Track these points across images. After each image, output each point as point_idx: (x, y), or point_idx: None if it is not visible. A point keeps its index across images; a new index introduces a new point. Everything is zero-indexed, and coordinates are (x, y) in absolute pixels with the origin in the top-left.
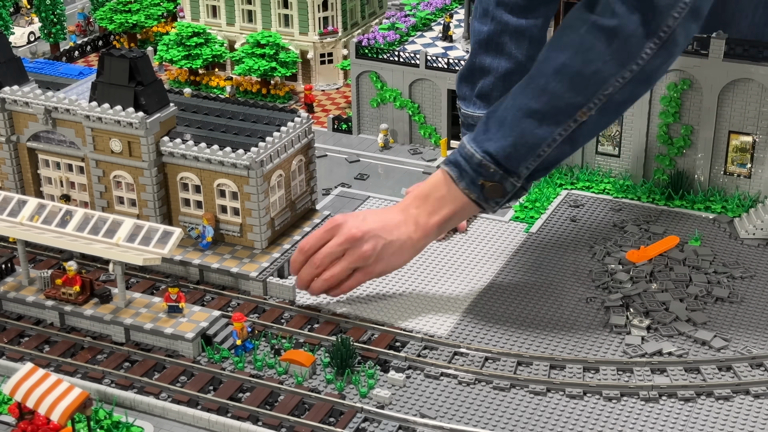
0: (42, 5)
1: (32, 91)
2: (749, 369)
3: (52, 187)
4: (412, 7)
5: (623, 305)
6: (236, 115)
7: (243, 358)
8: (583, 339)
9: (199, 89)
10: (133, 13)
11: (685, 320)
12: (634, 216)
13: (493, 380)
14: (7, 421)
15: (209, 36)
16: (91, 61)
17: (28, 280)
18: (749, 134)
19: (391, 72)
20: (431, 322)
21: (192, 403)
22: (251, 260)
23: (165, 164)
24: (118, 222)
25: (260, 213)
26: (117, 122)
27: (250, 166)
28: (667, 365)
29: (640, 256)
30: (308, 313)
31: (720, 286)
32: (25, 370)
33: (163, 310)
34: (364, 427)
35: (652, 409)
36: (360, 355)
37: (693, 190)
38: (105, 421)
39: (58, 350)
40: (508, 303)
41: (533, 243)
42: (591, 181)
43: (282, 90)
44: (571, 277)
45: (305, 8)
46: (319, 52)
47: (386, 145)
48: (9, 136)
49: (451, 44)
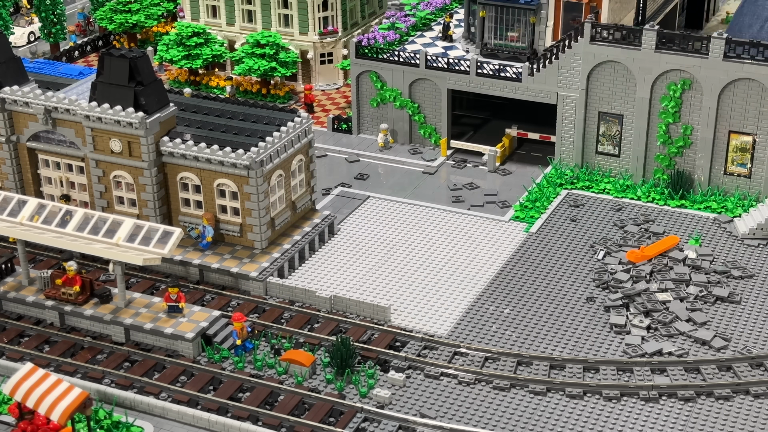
0: (42, 5)
1: (32, 91)
2: (749, 369)
3: (52, 187)
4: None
5: (623, 305)
6: (236, 115)
7: (243, 358)
8: (583, 339)
9: (199, 89)
10: (133, 13)
11: (685, 320)
12: (634, 216)
13: (493, 380)
14: (7, 421)
15: (209, 36)
16: (91, 61)
17: (28, 280)
18: (749, 134)
19: (391, 72)
20: (431, 322)
21: (192, 403)
22: (251, 260)
23: (165, 164)
24: (118, 222)
25: (260, 213)
26: (117, 122)
27: (250, 166)
28: (667, 365)
29: (640, 256)
30: (308, 313)
31: (720, 286)
32: (25, 370)
33: (163, 310)
34: (364, 427)
35: (652, 409)
36: (360, 355)
37: (693, 190)
38: (105, 421)
39: (58, 350)
40: (508, 303)
41: (533, 243)
42: (591, 181)
43: (282, 90)
44: (571, 277)
45: (305, 8)
46: (319, 52)
47: (386, 145)
48: (9, 136)
49: (451, 44)
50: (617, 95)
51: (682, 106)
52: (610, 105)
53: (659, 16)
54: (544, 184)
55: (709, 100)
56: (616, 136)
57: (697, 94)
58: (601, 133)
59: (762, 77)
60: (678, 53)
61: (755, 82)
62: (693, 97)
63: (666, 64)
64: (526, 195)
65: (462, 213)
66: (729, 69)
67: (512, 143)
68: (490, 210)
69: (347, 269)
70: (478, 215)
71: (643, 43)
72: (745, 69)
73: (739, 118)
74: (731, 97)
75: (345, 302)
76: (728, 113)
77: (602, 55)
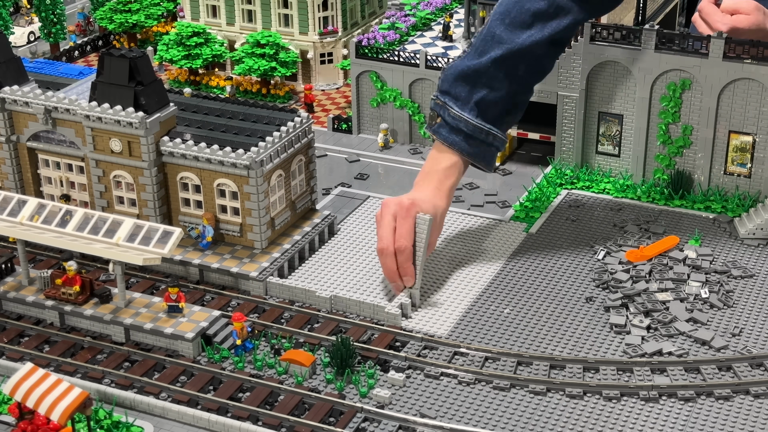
0: (42, 5)
1: (32, 91)
2: (749, 369)
3: (52, 187)
4: (412, 6)
5: (623, 305)
6: (236, 115)
7: (243, 358)
8: (583, 339)
9: (199, 89)
10: (133, 13)
11: (685, 320)
12: (634, 216)
13: (493, 380)
14: (7, 421)
15: (209, 36)
16: (91, 60)
17: (28, 280)
18: (749, 134)
19: (391, 72)
20: (431, 322)
21: (192, 403)
22: (251, 260)
23: (165, 164)
24: (118, 222)
25: (260, 213)
26: (117, 122)
27: (250, 165)
28: (667, 365)
29: (640, 256)
30: (308, 313)
31: (719, 285)
32: (25, 370)
33: (163, 310)
34: (364, 427)
35: (652, 409)
36: (360, 355)
37: (693, 190)
38: (105, 421)
39: (58, 350)
40: (508, 303)
41: (533, 243)
42: (591, 181)
43: (282, 90)
44: (571, 277)
45: (305, 8)
46: (319, 52)
47: (386, 144)
48: (9, 136)
49: (451, 44)
50: (617, 95)
51: (681, 106)
52: (610, 105)
53: (659, 16)
54: (544, 184)
55: (708, 100)
56: (616, 136)
57: (697, 94)
58: (601, 133)
59: (762, 77)
60: (678, 53)
61: (755, 82)
62: (693, 97)
63: (666, 64)
64: (526, 195)
65: (462, 213)
66: (729, 69)
67: (512, 143)
68: (490, 210)
69: (347, 269)
70: (478, 215)
71: (643, 43)
72: (745, 69)
73: (739, 118)
74: (731, 97)
75: (345, 302)
76: (728, 113)
77: (602, 55)
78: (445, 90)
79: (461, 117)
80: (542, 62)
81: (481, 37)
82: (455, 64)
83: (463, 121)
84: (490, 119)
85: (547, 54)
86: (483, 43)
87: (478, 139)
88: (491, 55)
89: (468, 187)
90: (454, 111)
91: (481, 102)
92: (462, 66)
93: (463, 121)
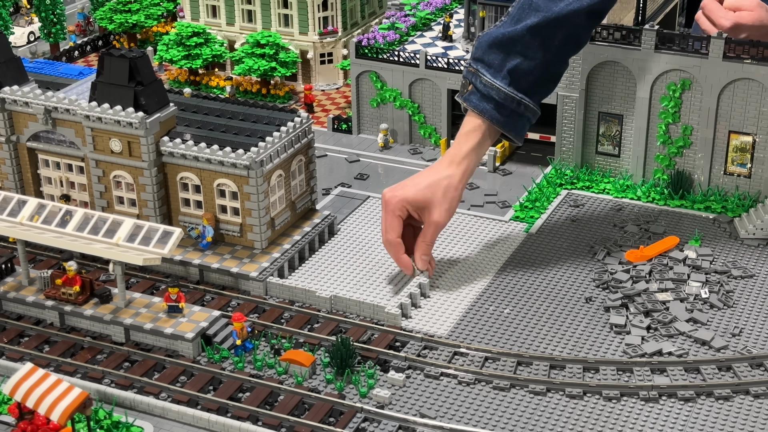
0: (42, 5)
1: (32, 91)
2: (749, 369)
3: (52, 187)
4: (412, 7)
5: (623, 305)
6: (236, 115)
7: (243, 358)
8: (583, 339)
9: (199, 89)
10: (133, 13)
11: (685, 320)
12: (634, 216)
13: (493, 380)
14: (7, 421)
15: (209, 36)
16: (91, 61)
17: (28, 280)
18: (749, 134)
19: (391, 72)
20: (431, 322)
21: (192, 403)
22: (251, 260)
23: (165, 164)
24: (118, 222)
25: (260, 213)
26: (117, 122)
27: (250, 166)
28: (667, 365)
29: (640, 256)
30: (308, 313)
31: (719, 286)
32: (25, 370)
33: (163, 310)
34: (364, 427)
35: (652, 409)
36: (360, 355)
37: (693, 190)
38: (105, 421)
39: (58, 350)
40: (508, 303)
41: (533, 243)
42: (591, 181)
43: (282, 90)
44: (571, 277)
45: (305, 8)
46: (319, 52)
47: (386, 144)
48: (9, 136)
49: (451, 44)
50: (617, 95)
51: (681, 106)
52: (610, 105)
53: (659, 16)
54: (544, 184)
55: (708, 100)
56: (616, 136)
57: (697, 94)
58: (601, 133)
59: (762, 77)
60: (678, 53)
61: (755, 82)
62: (693, 97)
63: (666, 64)
64: (526, 195)
65: (462, 213)
66: (729, 69)
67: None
68: (489, 210)
69: (347, 269)
70: (478, 215)
71: (643, 43)
72: (745, 69)
73: (739, 118)
74: (731, 97)
75: (345, 302)
76: (728, 113)
77: (602, 55)
78: (478, 57)
79: (493, 84)
80: (579, 33)
81: (518, 5)
82: (490, 31)
83: (495, 89)
84: (522, 88)
85: (585, 24)
86: (519, 11)
87: (509, 108)
88: (527, 22)
89: (468, 187)
90: (486, 78)
91: (515, 70)
92: (497, 33)
93: (495, 89)
